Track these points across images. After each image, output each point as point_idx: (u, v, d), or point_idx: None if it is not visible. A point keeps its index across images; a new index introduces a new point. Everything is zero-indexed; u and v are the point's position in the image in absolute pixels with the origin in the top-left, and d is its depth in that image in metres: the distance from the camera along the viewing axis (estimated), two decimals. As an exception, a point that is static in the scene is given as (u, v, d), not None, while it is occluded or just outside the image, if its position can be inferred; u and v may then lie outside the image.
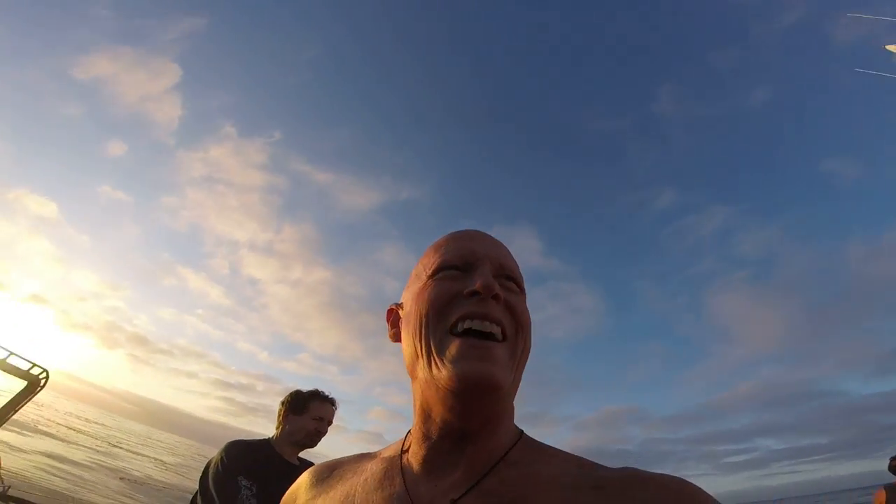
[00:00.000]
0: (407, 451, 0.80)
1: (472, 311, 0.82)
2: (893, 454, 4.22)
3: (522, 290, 0.86)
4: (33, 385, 3.24)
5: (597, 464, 0.83)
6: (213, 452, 2.40)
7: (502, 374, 0.81)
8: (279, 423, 2.44)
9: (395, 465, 0.79)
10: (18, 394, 3.14)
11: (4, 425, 3.14)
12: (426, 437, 0.80)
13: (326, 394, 2.52)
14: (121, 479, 17.48)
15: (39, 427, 28.03)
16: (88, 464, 19.19)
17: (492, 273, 0.84)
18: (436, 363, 0.81)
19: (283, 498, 0.83)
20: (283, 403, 2.48)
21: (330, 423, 2.48)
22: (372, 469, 0.79)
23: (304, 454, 2.51)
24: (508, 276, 0.85)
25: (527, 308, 0.86)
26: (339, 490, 0.80)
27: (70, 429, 36.92)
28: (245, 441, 2.34)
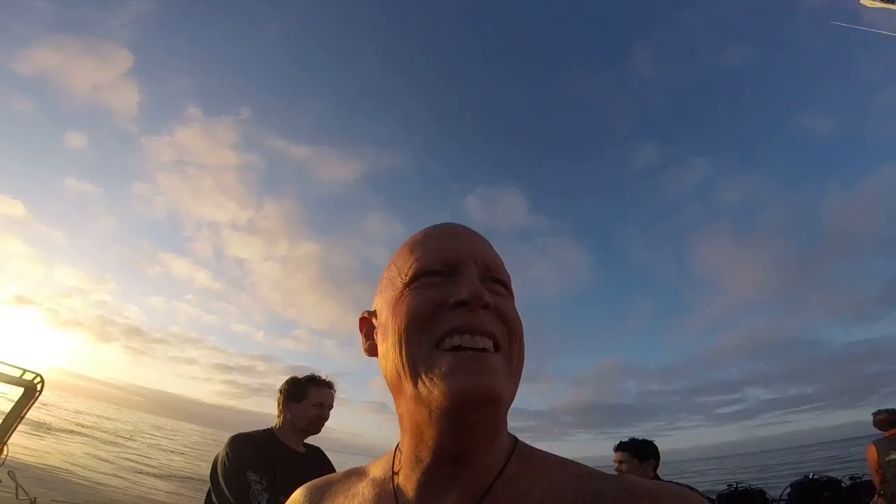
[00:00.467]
0: (398, 472, 0.74)
1: (460, 325, 0.74)
2: (876, 409, 4.38)
3: (510, 292, 0.77)
4: (31, 391, 3.20)
5: (593, 471, 0.77)
6: (226, 436, 2.41)
7: (502, 386, 0.74)
8: (279, 411, 2.41)
9: (388, 491, 0.73)
10: (18, 401, 3.11)
11: (19, 430, 3.12)
12: (418, 460, 0.74)
13: (324, 377, 2.48)
14: (138, 473, 17.88)
15: (53, 429, 28.30)
16: (106, 459, 19.56)
17: (478, 276, 0.75)
18: (424, 382, 0.73)
19: None
20: (280, 392, 2.44)
21: (330, 407, 2.45)
22: (364, 494, 0.73)
23: (311, 439, 2.48)
24: (496, 279, 0.76)
25: (517, 312, 0.78)
26: None
27: (83, 426, 37.39)
28: (248, 434, 2.32)
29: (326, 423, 2.45)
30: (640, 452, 3.19)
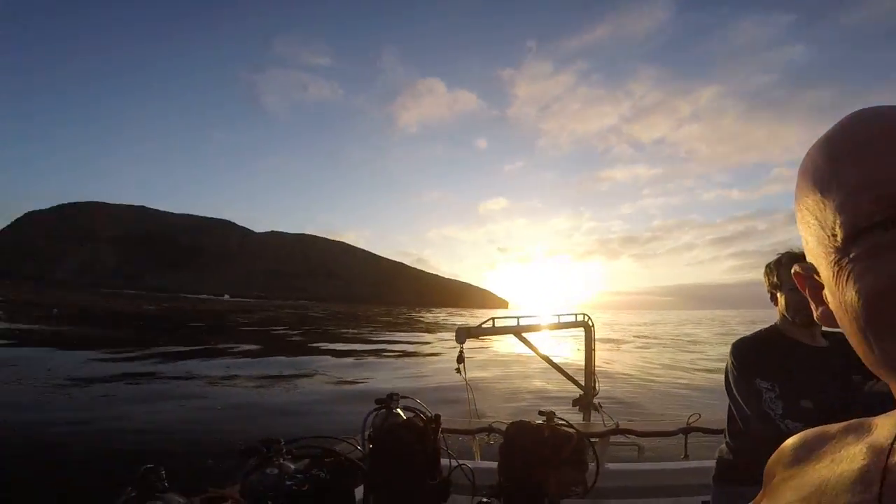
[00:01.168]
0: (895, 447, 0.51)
1: None
2: None
3: None
4: (588, 328, 3.79)
5: None
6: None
7: None
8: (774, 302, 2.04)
9: (878, 466, 0.50)
10: (586, 341, 3.99)
11: (598, 356, 3.94)
12: None
13: (795, 251, 1.94)
14: (693, 370, 19.59)
15: (621, 343, 36.60)
16: (665, 364, 23.03)
17: None
18: None
19: (767, 464, 0.63)
20: (764, 276, 2.01)
21: None
22: (851, 461, 0.53)
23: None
24: None
25: None
26: (812, 477, 0.54)
27: (638, 336, 46.46)
28: (749, 337, 2.02)
29: None
30: None
